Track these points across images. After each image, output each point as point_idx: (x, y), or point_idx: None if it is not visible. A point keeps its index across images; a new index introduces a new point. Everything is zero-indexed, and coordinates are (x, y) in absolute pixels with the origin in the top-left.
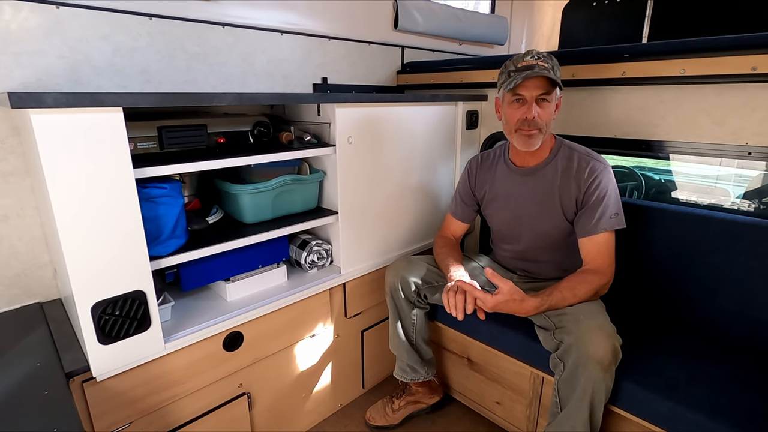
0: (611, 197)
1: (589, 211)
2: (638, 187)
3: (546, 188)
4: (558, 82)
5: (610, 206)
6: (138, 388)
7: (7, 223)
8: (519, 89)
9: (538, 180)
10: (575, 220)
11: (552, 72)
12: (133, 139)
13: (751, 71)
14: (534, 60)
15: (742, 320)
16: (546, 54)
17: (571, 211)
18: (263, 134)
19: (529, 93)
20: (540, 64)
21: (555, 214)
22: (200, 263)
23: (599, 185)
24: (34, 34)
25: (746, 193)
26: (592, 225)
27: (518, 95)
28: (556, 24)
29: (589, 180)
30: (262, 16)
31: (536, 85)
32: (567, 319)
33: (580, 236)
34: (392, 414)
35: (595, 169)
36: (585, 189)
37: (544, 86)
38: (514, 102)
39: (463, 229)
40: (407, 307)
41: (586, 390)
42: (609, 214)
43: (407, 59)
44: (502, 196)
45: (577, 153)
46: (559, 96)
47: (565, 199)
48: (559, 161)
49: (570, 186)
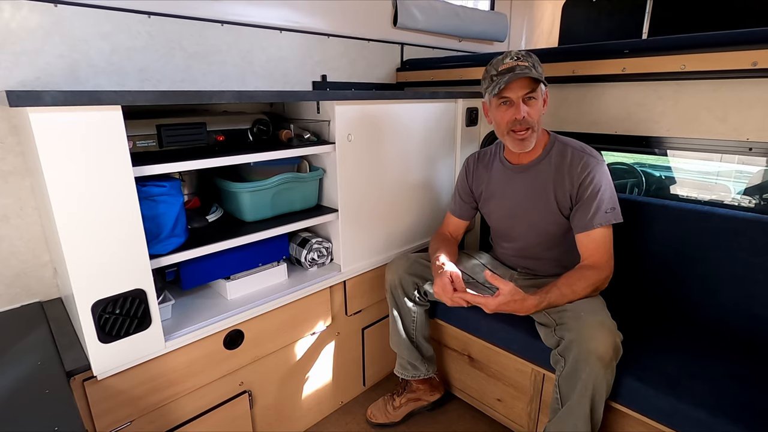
0: (605, 192)
1: (584, 206)
2: (639, 184)
3: (540, 184)
4: (541, 78)
5: (605, 201)
6: (139, 387)
7: (7, 222)
8: (504, 92)
9: (533, 176)
10: (571, 216)
11: (534, 70)
12: (133, 138)
13: (752, 67)
14: (514, 61)
15: (743, 316)
16: (524, 53)
17: (566, 207)
18: (263, 132)
19: (514, 94)
20: (520, 64)
21: (550, 209)
22: (200, 262)
23: (593, 180)
24: (34, 33)
25: (747, 189)
26: (588, 220)
27: (504, 98)
28: (555, 20)
29: (582, 175)
30: (261, 13)
31: (521, 86)
32: (568, 315)
33: (577, 232)
34: (393, 411)
35: (588, 164)
36: (579, 184)
37: (529, 85)
38: (502, 105)
39: (462, 227)
40: (407, 304)
41: (587, 386)
42: (604, 209)
43: (407, 56)
44: (498, 193)
45: (570, 148)
46: (544, 91)
47: (560, 195)
48: (552, 157)
49: (564, 181)
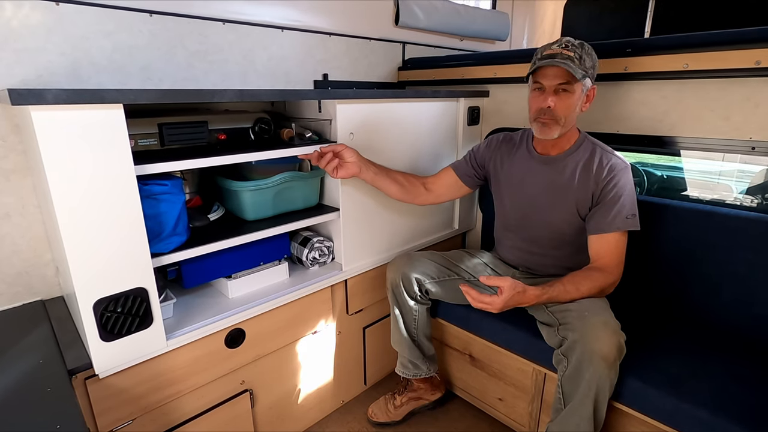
0: (628, 198)
1: (605, 208)
2: (641, 183)
3: (563, 180)
4: (575, 74)
5: (626, 206)
6: (140, 385)
7: (9, 221)
8: (538, 77)
9: (557, 171)
10: (588, 217)
11: (575, 62)
12: (134, 136)
13: (755, 65)
14: (559, 48)
15: (745, 316)
16: (577, 43)
17: (585, 207)
18: (264, 131)
19: (548, 82)
20: (564, 53)
21: (568, 207)
22: (202, 260)
23: (617, 183)
24: (35, 31)
25: (749, 188)
26: (607, 223)
27: (538, 83)
28: (557, 19)
29: (608, 177)
30: (263, 12)
31: (555, 74)
32: (571, 315)
33: (591, 233)
34: (394, 410)
35: (615, 167)
36: (602, 186)
37: (564, 76)
38: (536, 90)
39: (445, 186)
40: (409, 303)
41: (591, 386)
42: (625, 214)
43: (408, 55)
44: (517, 180)
45: (599, 149)
46: (589, 87)
47: (581, 194)
48: (580, 154)
49: (588, 181)
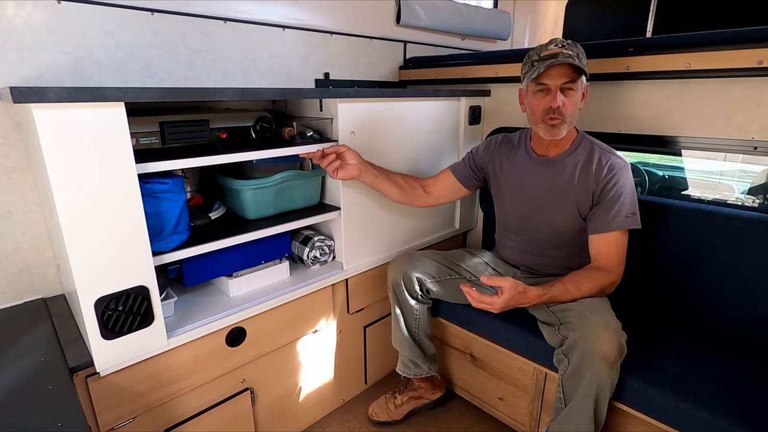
0: (628, 196)
1: (605, 207)
2: (642, 183)
3: (563, 180)
4: (584, 69)
5: (626, 205)
6: (141, 383)
7: (10, 219)
8: (543, 78)
9: (557, 171)
10: (589, 216)
11: (577, 59)
12: (136, 135)
13: (757, 65)
14: (558, 48)
15: (747, 316)
16: (570, 42)
17: (585, 207)
18: (265, 130)
19: (553, 82)
20: (564, 52)
21: (568, 207)
22: (203, 259)
23: (617, 182)
24: (37, 30)
25: (751, 188)
26: (607, 222)
27: (542, 84)
28: (559, 18)
29: (608, 176)
30: (264, 11)
31: (560, 74)
32: (572, 315)
33: (592, 232)
34: (395, 410)
35: (614, 165)
36: (603, 185)
37: (569, 74)
38: (539, 92)
39: (445, 187)
40: (410, 302)
41: (592, 386)
42: (625, 213)
43: (410, 54)
44: (517, 182)
45: (598, 148)
46: (585, 85)
47: (581, 194)
48: (579, 154)
49: (588, 180)
